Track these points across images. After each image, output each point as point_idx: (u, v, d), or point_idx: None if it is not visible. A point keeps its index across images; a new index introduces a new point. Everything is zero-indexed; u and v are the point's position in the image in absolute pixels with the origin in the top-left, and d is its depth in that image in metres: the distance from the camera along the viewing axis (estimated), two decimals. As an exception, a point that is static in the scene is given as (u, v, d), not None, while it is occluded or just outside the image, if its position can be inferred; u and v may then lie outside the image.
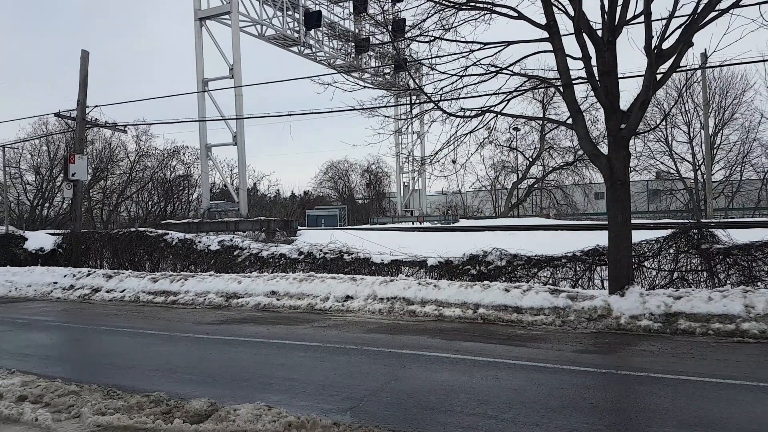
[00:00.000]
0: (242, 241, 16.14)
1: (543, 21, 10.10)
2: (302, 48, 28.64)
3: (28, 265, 18.44)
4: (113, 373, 7.15)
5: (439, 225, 30.52)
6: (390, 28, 15.38)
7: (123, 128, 24.97)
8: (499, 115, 11.41)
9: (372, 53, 31.67)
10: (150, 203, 40.33)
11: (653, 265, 10.56)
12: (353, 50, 30.84)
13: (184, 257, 16.36)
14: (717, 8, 8.99)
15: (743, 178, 37.25)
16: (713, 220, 22.87)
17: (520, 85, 11.78)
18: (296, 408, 5.34)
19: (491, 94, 11.38)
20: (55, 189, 38.89)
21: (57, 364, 7.78)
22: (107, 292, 14.84)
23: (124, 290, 14.64)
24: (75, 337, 10.10)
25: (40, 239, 20.17)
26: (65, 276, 16.38)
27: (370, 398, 5.70)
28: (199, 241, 16.38)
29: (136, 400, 5.58)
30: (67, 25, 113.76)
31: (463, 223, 30.85)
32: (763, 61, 14.26)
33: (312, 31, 28.38)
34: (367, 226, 31.80)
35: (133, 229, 18.67)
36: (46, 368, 7.34)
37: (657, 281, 10.42)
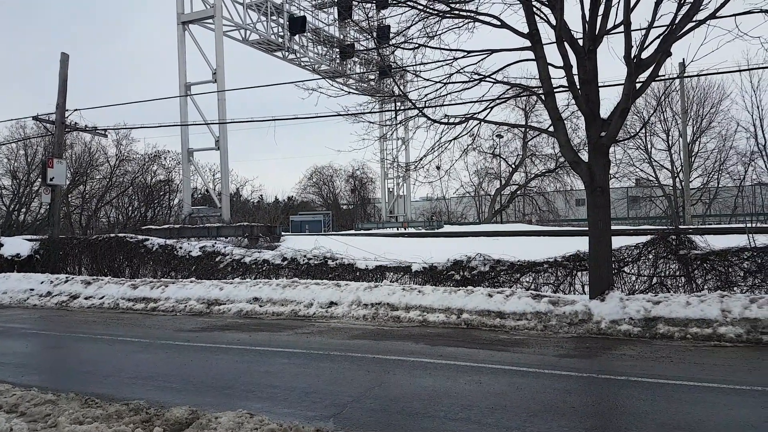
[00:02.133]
0: (224, 247, 16.02)
1: (525, 30, 10.22)
2: (287, 53, 28.62)
3: (4, 272, 18.07)
4: (92, 381, 7.04)
5: (423, 231, 30.62)
6: (375, 34, 15.42)
7: (103, 132, 24.67)
8: (482, 123, 11.50)
9: (357, 59, 31.76)
10: (130, 208, 39.81)
11: (633, 271, 10.71)
12: (338, 56, 30.90)
13: (165, 263, 16.19)
14: (694, 19, 9.19)
15: (720, 186, 37.94)
16: (691, 227, 23.25)
17: (503, 93, 11.88)
18: (279, 415, 5.30)
19: (475, 102, 11.48)
20: (32, 194, 38.22)
21: (33, 373, 7.63)
22: (86, 298, 14.61)
23: (103, 297, 14.43)
24: (52, 344, 9.92)
25: (16, 245, 19.79)
26: (42, 282, 16.09)
27: (353, 405, 5.68)
28: (180, 247, 16.22)
29: (115, 409, 5.50)
30: (46, 28, 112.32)
31: (447, 228, 30.98)
32: (739, 71, 14.59)
33: (296, 37, 28.38)
34: (352, 231, 31.78)
35: (112, 235, 18.42)
36: (21, 377, 7.19)
37: (636, 286, 10.56)
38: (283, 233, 24.03)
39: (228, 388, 6.46)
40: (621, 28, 9.53)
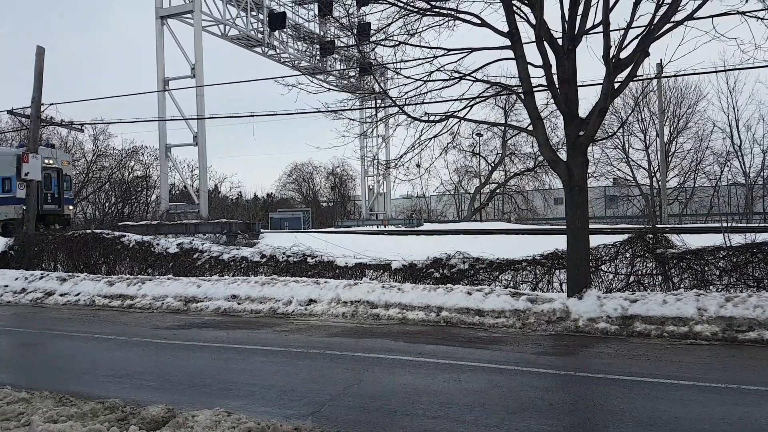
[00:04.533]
0: (202, 244, 15.84)
1: (505, 29, 10.25)
2: (266, 49, 28.39)
3: (-24, 268, 17.63)
4: (67, 379, 6.90)
5: (403, 228, 30.66)
6: (355, 31, 15.35)
7: (79, 127, 24.24)
8: (462, 121, 11.52)
9: (337, 56, 31.63)
10: (107, 204, 39.14)
11: (610, 269, 10.83)
12: (318, 52, 30.74)
13: (142, 260, 15.96)
14: (672, 20, 9.30)
15: (696, 185, 38.63)
16: (668, 226, 23.65)
17: (483, 92, 11.91)
18: (256, 413, 5.25)
19: (455, 100, 11.48)
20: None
21: (6, 371, 7.47)
22: (61, 295, 14.34)
23: (78, 294, 14.17)
24: (26, 341, 9.71)
25: (-11, 241, 19.32)
26: (16, 279, 15.74)
27: (332, 402, 5.65)
28: (158, 244, 16.01)
29: (90, 407, 5.39)
30: (21, 22, 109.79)
31: (427, 226, 31.05)
32: (716, 72, 14.86)
33: (276, 33, 28.18)
34: (332, 229, 31.69)
35: (89, 231, 18.09)
36: (-7, 375, 7.03)
37: (614, 284, 10.68)
38: (262, 230, 23.84)
39: (205, 386, 6.38)
40: (600, 28, 9.62)
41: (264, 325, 10.40)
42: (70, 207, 28.52)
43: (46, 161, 27.17)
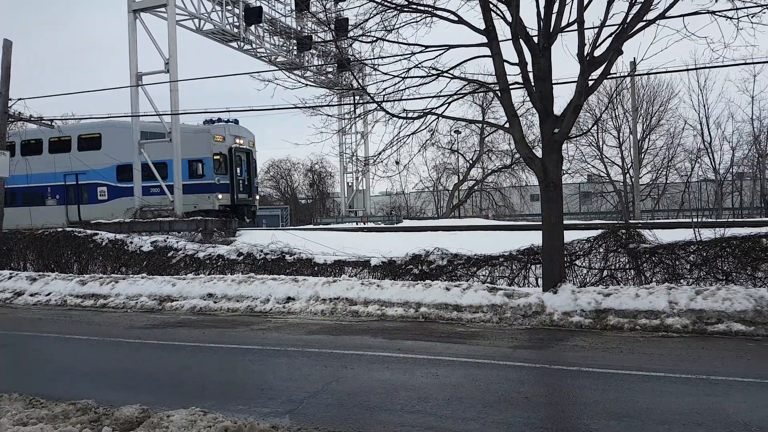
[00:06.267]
0: (177, 242, 15.63)
1: (482, 26, 10.30)
2: (242, 44, 28.03)
3: (-58, 268, 17.13)
4: (37, 380, 6.76)
5: (383, 225, 30.63)
6: (332, 26, 15.29)
7: (49, 123, 23.65)
8: (440, 118, 11.56)
9: (315, 51, 31.41)
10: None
11: (584, 264, 10.98)
12: (295, 48, 30.48)
13: (115, 259, 15.69)
14: (645, 19, 9.45)
15: (668, 182, 39.36)
16: (640, 221, 24.10)
17: (461, 89, 11.97)
18: (233, 412, 5.20)
19: (433, 97, 11.51)
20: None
21: (-27, 373, 7.28)
22: (31, 295, 14.02)
23: (50, 294, 13.87)
24: (-6, 343, 9.47)
25: (-45, 240, 18.76)
26: (-17, 279, 15.33)
27: (310, 400, 5.63)
28: (131, 242, 15.75)
29: (61, 409, 5.29)
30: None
31: (406, 223, 31.07)
32: (687, 70, 15.15)
33: (252, 27, 27.84)
34: (311, 226, 31.52)
35: (59, 229, 17.73)
36: (-40, 378, 6.84)
37: (588, 279, 10.84)
38: (239, 228, 23.60)
39: (181, 385, 6.31)
40: (575, 26, 9.72)
41: (241, 323, 10.32)
42: (257, 197, 24.77)
43: (237, 141, 22.75)
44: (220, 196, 21.53)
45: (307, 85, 13.72)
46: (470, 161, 43.08)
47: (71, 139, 25.99)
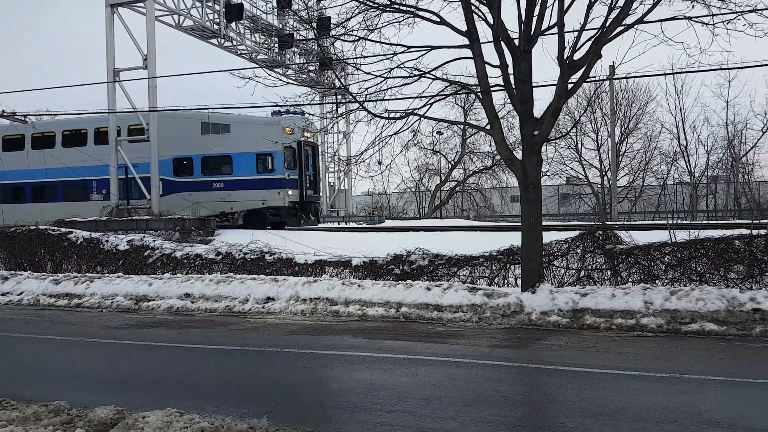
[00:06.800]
0: (154, 241, 15.42)
1: (464, 28, 10.35)
2: (222, 40, 27.75)
3: None
4: (8, 381, 6.60)
5: (365, 225, 30.57)
6: (314, 25, 15.23)
7: (23, 119, 23.18)
8: (422, 118, 11.58)
9: (296, 50, 31.23)
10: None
11: (562, 264, 11.11)
12: (276, 45, 30.27)
13: (90, 258, 15.43)
14: (624, 23, 9.59)
15: (645, 184, 39.99)
16: (617, 223, 24.43)
17: (443, 90, 11.99)
18: (210, 413, 5.14)
19: (415, 97, 11.52)
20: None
21: (-59, 374, 7.09)
22: (2, 295, 13.70)
23: (22, 293, 13.58)
24: (-36, 344, 9.24)
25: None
26: (-47, 278, 14.94)
27: (288, 400, 5.60)
28: (107, 241, 15.51)
29: (32, 410, 5.17)
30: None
31: (388, 223, 31.06)
32: (664, 74, 15.40)
33: (233, 24, 27.58)
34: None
35: (32, 227, 17.35)
36: (-73, 379, 6.66)
37: (566, 279, 10.96)
38: (218, 227, 23.35)
39: (157, 386, 6.23)
40: (555, 30, 9.83)
41: (219, 324, 10.22)
42: (320, 194, 22.95)
43: (305, 134, 20.88)
44: (290, 192, 20.49)
45: (288, 83, 13.64)
46: (452, 162, 43.29)
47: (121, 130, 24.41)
